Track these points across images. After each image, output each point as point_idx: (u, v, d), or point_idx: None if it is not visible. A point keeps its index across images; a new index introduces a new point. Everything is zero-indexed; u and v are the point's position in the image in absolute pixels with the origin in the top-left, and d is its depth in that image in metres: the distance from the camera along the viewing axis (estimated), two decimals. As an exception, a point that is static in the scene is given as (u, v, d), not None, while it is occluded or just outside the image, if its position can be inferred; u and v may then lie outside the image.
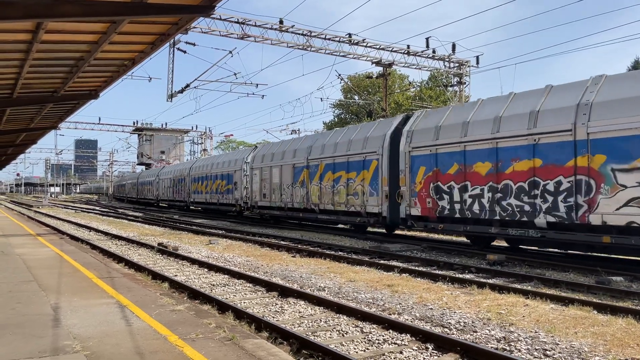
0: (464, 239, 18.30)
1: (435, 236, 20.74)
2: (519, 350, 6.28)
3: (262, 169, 27.56)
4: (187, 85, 33.41)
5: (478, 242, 16.18)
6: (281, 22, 27.32)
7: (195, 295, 9.21)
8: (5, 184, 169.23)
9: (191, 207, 42.05)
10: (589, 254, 13.92)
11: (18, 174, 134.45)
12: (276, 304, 8.85)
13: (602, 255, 13.82)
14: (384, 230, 21.67)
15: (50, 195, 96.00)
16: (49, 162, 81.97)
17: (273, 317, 7.97)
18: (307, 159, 23.48)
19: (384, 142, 18.83)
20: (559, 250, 14.66)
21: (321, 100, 43.67)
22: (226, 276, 11.62)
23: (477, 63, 34.55)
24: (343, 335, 7.03)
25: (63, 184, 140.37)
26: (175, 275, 11.55)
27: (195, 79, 33.04)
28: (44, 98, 15.98)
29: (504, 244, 16.52)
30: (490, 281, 10.49)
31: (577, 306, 8.31)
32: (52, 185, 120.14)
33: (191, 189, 40.19)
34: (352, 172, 20.46)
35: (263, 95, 39.44)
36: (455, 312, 8.03)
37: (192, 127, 73.14)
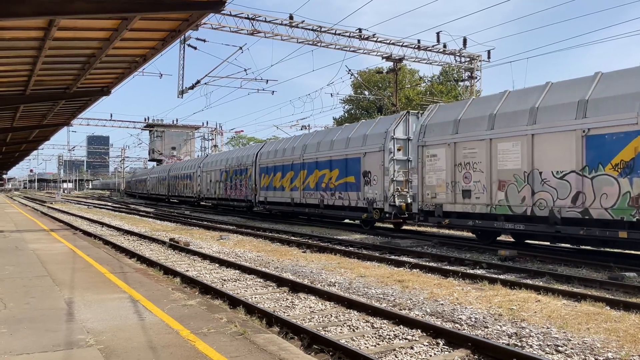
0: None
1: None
2: (531, 346, 6.25)
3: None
4: (198, 82, 33.56)
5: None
6: (291, 17, 27.31)
7: (206, 290, 9.27)
8: (18, 180, 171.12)
9: (255, 209, 31.90)
10: (602, 249, 13.81)
11: (31, 170, 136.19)
12: (287, 299, 8.88)
13: (615, 250, 13.71)
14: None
15: (63, 191, 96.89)
16: (62, 158, 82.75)
17: (284, 312, 8.00)
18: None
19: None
20: (571, 246, 14.56)
21: (331, 95, 43.79)
22: (237, 271, 11.68)
23: (489, 57, 34.38)
24: (354, 330, 7.04)
25: (75, 180, 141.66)
26: (187, 271, 11.62)
27: (206, 75, 33.20)
28: (56, 95, 16.12)
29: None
30: (501, 277, 10.44)
31: (589, 302, 8.25)
32: (64, 181, 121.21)
33: (259, 184, 29.60)
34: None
35: (273, 91, 39.70)
36: (466, 308, 8.01)
37: (203, 123, 73.49)
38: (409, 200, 18.67)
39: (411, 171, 17.95)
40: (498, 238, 16.58)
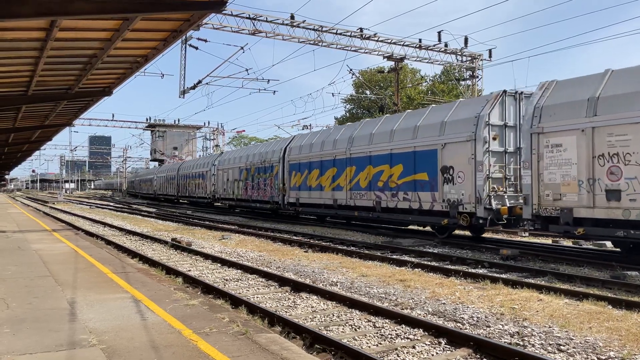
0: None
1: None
2: (533, 345, 6.25)
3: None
4: (199, 82, 33.61)
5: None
6: (292, 17, 27.31)
7: (208, 289, 9.28)
8: (21, 180, 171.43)
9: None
10: (603, 249, 13.78)
11: (33, 171, 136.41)
12: (289, 299, 8.89)
13: (617, 250, 13.68)
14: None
15: (65, 192, 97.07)
16: (64, 158, 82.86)
17: (286, 311, 8.01)
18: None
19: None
20: (573, 245, 14.53)
21: (332, 95, 43.79)
22: (239, 271, 11.69)
23: (490, 56, 34.33)
24: (356, 329, 7.04)
25: (77, 180, 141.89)
26: (189, 270, 11.64)
27: (207, 75, 33.25)
28: (58, 95, 16.15)
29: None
30: (503, 276, 10.44)
31: (591, 301, 8.24)
32: (66, 181, 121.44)
33: (289, 183, 26.49)
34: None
35: (274, 91, 39.79)
36: (468, 307, 8.01)
37: (205, 123, 73.51)
38: (508, 203, 15.24)
39: (522, 166, 14.48)
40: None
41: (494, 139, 15.72)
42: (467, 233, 18.07)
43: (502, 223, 15.65)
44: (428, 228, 19.55)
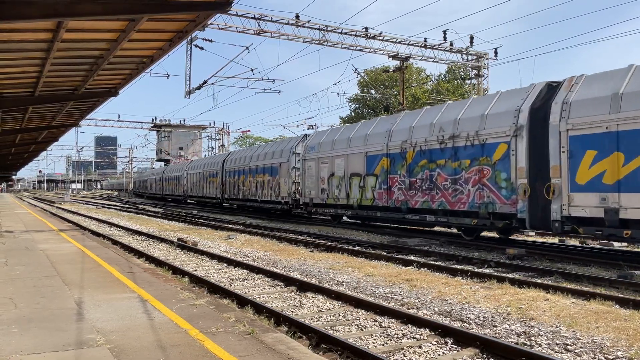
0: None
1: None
2: (540, 345, 6.23)
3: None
4: (205, 82, 33.68)
5: None
6: (297, 17, 27.32)
7: (214, 289, 9.30)
8: (28, 180, 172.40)
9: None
10: (611, 248, 13.71)
11: (40, 171, 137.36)
12: (295, 299, 8.90)
13: (624, 249, 13.61)
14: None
15: (72, 192, 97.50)
16: (70, 159, 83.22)
17: (292, 311, 8.02)
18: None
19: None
20: (581, 245, 14.46)
21: (338, 95, 43.77)
22: (245, 271, 11.71)
23: (496, 55, 34.31)
24: (362, 329, 7.04)
25: (84, 181, 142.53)
26: (195, 270, 11.67)
27: (213, 75, 33.31)
28: (64, 96, 16.23)
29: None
30: (510, 275, 10.41)
31: (598, 300, 8.21)
32: (73, 181, 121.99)
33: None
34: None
35: (280, 91, 39.57)
36: (474, 307, 7.99)
37: (210, 123, 73.61)
38: None
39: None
40: None
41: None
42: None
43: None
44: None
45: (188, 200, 49.05)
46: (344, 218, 24.13)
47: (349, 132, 22.19)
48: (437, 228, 20.23)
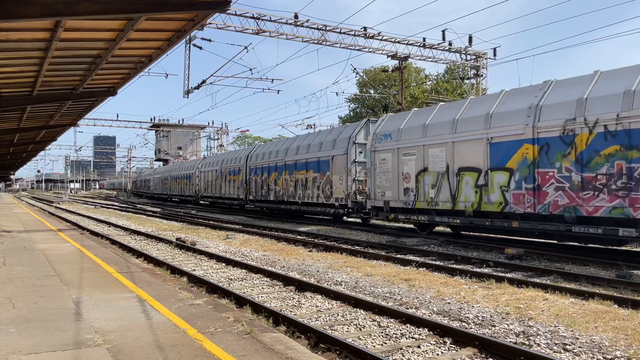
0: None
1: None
2: (539, 345, 6.23)
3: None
4: (203, 82, 33.66)
5: None
6: (296, 16, 27.29)
7: (213, 289, 9.29)
8: (26, 180, 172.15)
9: None
10: (609, 247, 13.72)
11: (39, 171, 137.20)
12: (293, 298, 8.89)
13: (623, 249, 13.62)
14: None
15: (70, 192, 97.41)
16: (69, 158, 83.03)
17: (290, 311, 8.01)
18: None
19: None
20: (578, 244, 14.46)
21: (336, 94, 43.48)
22: (244, 270, 11.71)
23: (495, 55, 34.24)
24: (360, 329, 7.04)
25: (82, 180, 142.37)
26: (194, 270, 11.66)
27: (211, 75, 33.30)
28: (63, 95, 16.19)
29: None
30: (508, 275, 10.41)
31: (597, 300, 8.21)
32: (71, 181, 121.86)
33: None
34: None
35: (278, 91, 39.50)
36: (473, 307, 7.99)
37: (209, 123, 73.64)
38: None
39: None
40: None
41: None
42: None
43: None
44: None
45: (201, 202, 44.27)
46: (438, 227, 19.00)
47: (451, 112, 16.82)
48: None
